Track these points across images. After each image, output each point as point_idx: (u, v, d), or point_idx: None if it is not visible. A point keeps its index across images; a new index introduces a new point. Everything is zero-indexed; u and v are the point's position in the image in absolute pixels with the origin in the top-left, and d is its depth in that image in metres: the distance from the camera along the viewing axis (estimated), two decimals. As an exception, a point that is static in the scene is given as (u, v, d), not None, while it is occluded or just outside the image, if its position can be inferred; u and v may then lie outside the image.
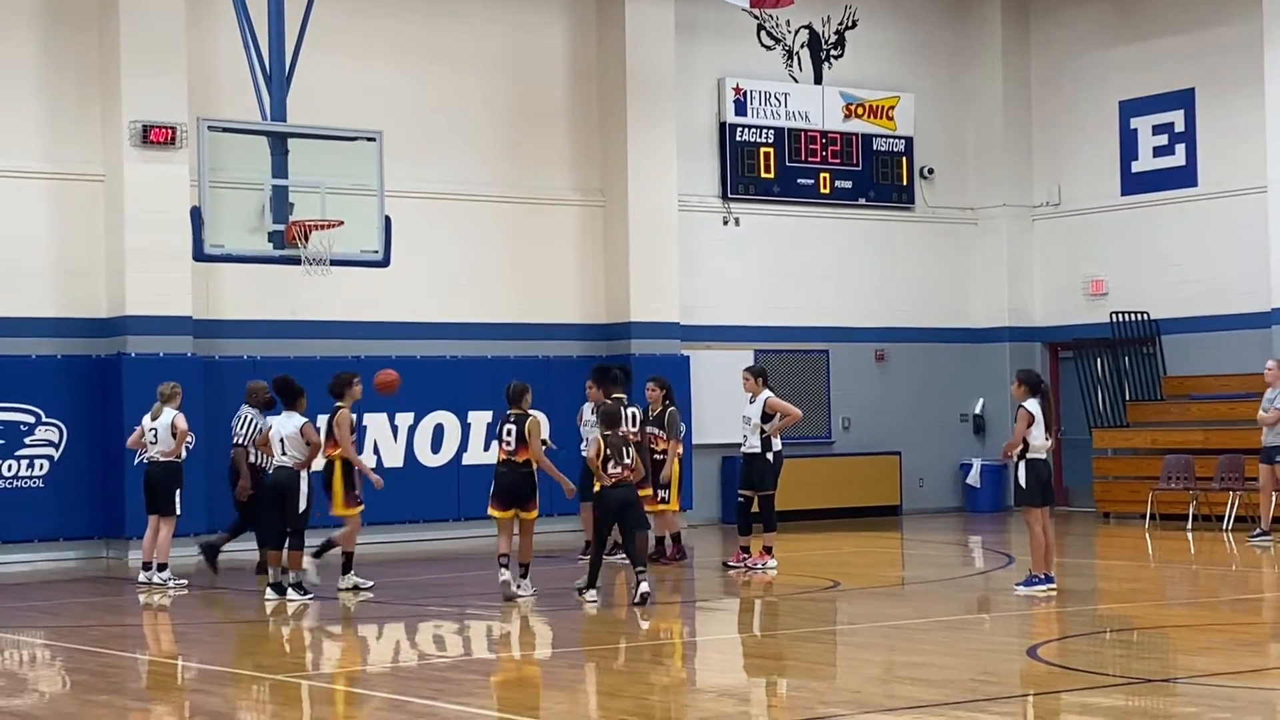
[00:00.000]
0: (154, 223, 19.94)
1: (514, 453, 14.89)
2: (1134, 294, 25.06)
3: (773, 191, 24.92)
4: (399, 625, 14.63)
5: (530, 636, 13.75)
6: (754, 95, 24.80)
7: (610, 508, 14.67)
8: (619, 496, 14.63)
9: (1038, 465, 15.01)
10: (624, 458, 14.59)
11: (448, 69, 22.61)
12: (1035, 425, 14.91)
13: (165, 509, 16.83)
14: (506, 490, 14.96)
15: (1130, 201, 25.35)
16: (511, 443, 14.90)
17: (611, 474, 14.56)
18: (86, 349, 20.23)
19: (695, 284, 24.11)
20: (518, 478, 14.90)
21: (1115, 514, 23.80)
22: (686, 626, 14.32)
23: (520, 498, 14.92)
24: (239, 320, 21.07)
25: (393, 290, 21.49)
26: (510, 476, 14.93)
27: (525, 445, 14.84)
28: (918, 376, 26.00)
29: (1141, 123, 25.21)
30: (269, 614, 14.93)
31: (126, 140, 19.98)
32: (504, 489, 14.98)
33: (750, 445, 17.38)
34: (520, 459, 14.87)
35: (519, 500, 14.93)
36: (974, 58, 26.66)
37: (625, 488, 14.66)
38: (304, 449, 15.32)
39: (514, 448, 14.89)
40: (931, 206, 26.35)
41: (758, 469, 17.37)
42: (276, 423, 15.60)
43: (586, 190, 23.55)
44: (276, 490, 15.49)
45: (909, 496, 25.51)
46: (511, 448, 14.90)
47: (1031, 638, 12.94)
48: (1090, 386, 24.85)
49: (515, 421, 14.91)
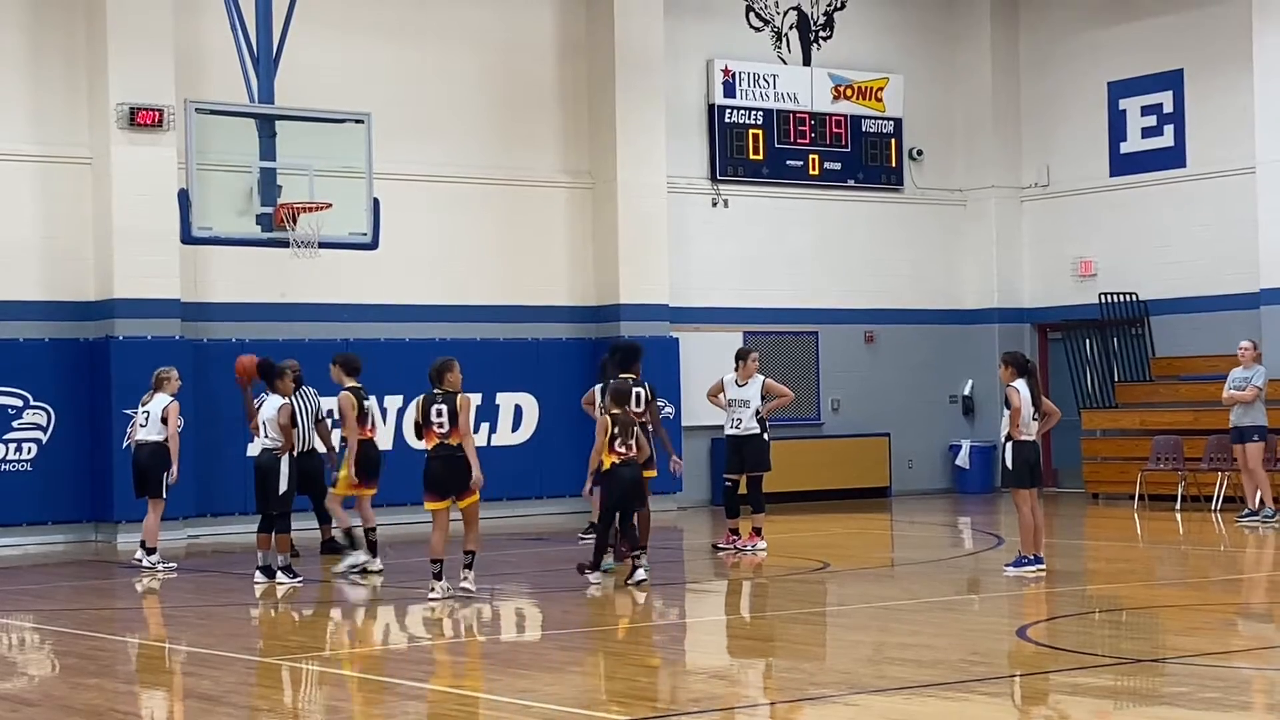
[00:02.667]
0: (141, 205, 19.91)
1: (447, 435, 13.86)
2: (1123, 275, 25.08)
3: (762, 173, 24.91)
4: (389, 607, 14.62)
5: (520, 619, 13.75)
6: (743, 77, 24.77)
7: (618, 485, 14.50)
8: (627, 475, 14.51)
9: (1024, 447, 15.02)
10: (630, 436, 14.48)
11: (436, 50, 22.56)
12: (1023, 406, 14.91)
13: (153, 492, 16.82)
14: (443, 478, 13.90)
15: (1119, 182, 25.35)
16: (445, 424, 13.86)
17: (618, 452, 14.45)
18: (74, 332, 20.18)
19: (684, 266, 24.09)
20: (455, 463, 13.85)
21: (1104, 495, 23.84)
22: (677, 608, 14.33)
23: (458, 484, 13.90)
24: (227, 303, 21.03)
25: (381, 273, 21.46)
26: (448, 462, 13.86)
27: (457, 426, 13.90)
28: (907, 358, 26.01)
29: (1130, 103, 25.20)
30: (258, 597, 14.91)
31: (114, 122, 19.92)
32: (440, 476, 13.91)
33: (748, 427, 17.39)
34: (454, 441, 13.86)
35: (457, 487, 13.91)
36: (963, 39, 26.64)
37: (632, 466, 14.55)
38: (279, 432, 15.29)
39: (447, 430, 13.86)
40: (920, 188, 26.34)
41: (756, 450, 17.42)
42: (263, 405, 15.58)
43: (575, 172, 23.52)
44: (258, 473, 15.48)
45: (898, 478, 25.53)
46: (445, 430, 13.86)
47: (1021, 618, 12.96)
48: (1079, 367, 24.87)
49: (445, 401, 13.91)
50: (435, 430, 13.89)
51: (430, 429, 13.90)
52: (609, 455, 14.50)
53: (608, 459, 14.53)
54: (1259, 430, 19.81)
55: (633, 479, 14.58)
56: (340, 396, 15.97)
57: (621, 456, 14.49)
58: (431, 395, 13.97)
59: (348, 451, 15.90)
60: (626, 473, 14.52)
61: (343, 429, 16.14)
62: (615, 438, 14.46)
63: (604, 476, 14.61)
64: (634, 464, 14.58)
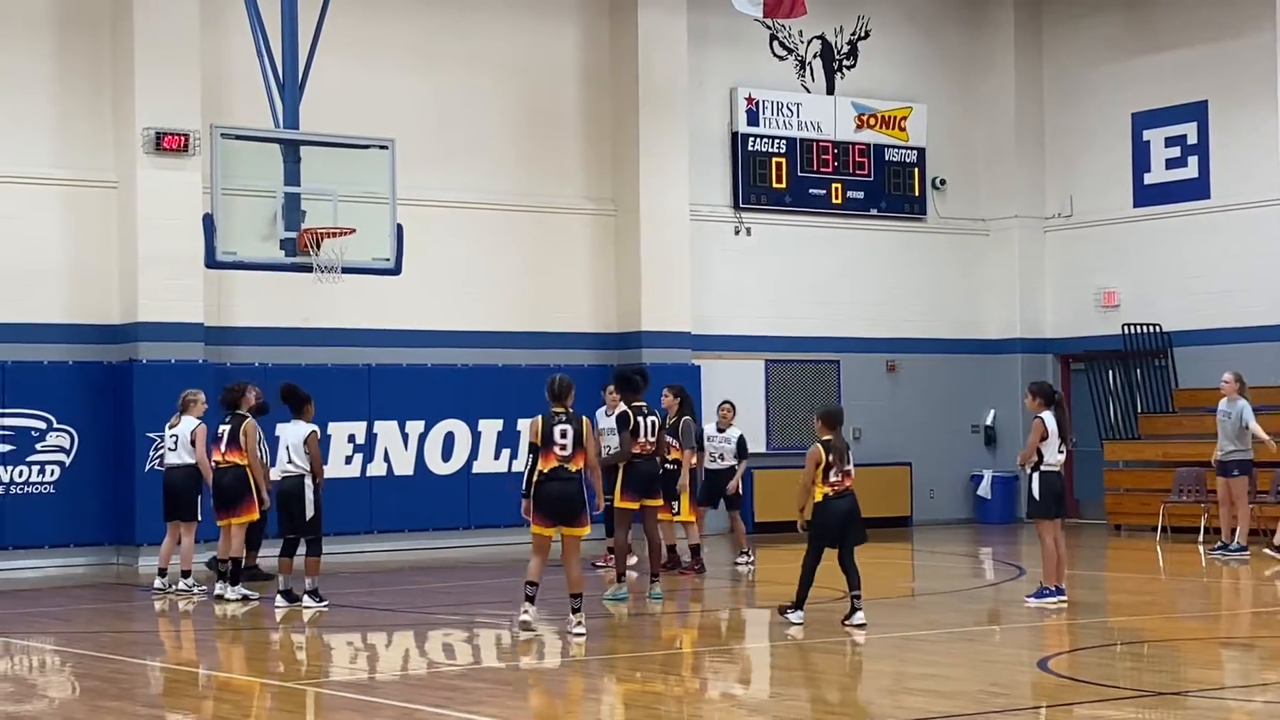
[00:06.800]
0: (166, 229, 19.99)
1: (569, 458, 13.15)
2: (1146, 306, 25.04)
3: (784, 201, 24.93)
4: (408, 633, 14.63)
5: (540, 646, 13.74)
6: (766, 105, 24.82)
7: (834, 519, 13.60)
8: (843, 507, 13.63)
9: (1051, 477, 15.01)
10: (845, 464, 13.64)
11: (460, 76, 22.64)
12: (1050, 437, 14.91)
13: (187, 515, 16.84)
14: (556, 502, 13.13)
15: (1143, 213, 25.32)
16: (568, 446, 13.15)
17: (832, 483, 13.55)
18: (98, 355, 20.26)
19: (706, 294, 24.12)
20: (571, 488, 13.15)
21: (1126, 526, 23.75)
22: (698, 636, 14.30)
23: (570, 513, 13.20)
24: (251, 327, 21.10)
25: (404, 298, 21.51)
26: (563, 486, 13.13)
27: (582, 450, 13.22)
28: (929, 387, 25.98)
29: (1154, 134, 25.19)
30: (278, 621, 14.93)
31: (140, 147, 20.03)
32: (553, 501, 13.12)
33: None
34: (574, 467, 13.16)
35: (569, 515, 13.20)
36: (987, 68, 26.66)
37: (847, 497, 13.70)
38: (306, 457, 15.33)
39: (570, 453, 13.16)
40: (943, 217, 26.35)
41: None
42: (285, 430, 15.61)
43: (598, 199, 23.57)
44: (283, 498, 15.51)
45: (919, 507, 25.48)
46: (568, 453, 13.15)
47: (1042, 650, 12.93)
48: (1102, 398, 24.81)
49: (569, 421, 13.19)
50: (557, 453, 13.14)
51: (551, 451, 13.14)
52: (821, 487, 13.58)
53: (819, 490, 13.62)
54: (1241, 465, 19.79)
55: (849, 511, 13.67)
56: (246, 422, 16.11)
57: (835, 488, 13.63)
58: (554, 415, 13.23)
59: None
60: (841, 505, 13.62)
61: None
62: (829, 467, 13.56)
63: (817, 510, 13.62)
64: (850, 495, 13.70)
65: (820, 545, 13.75)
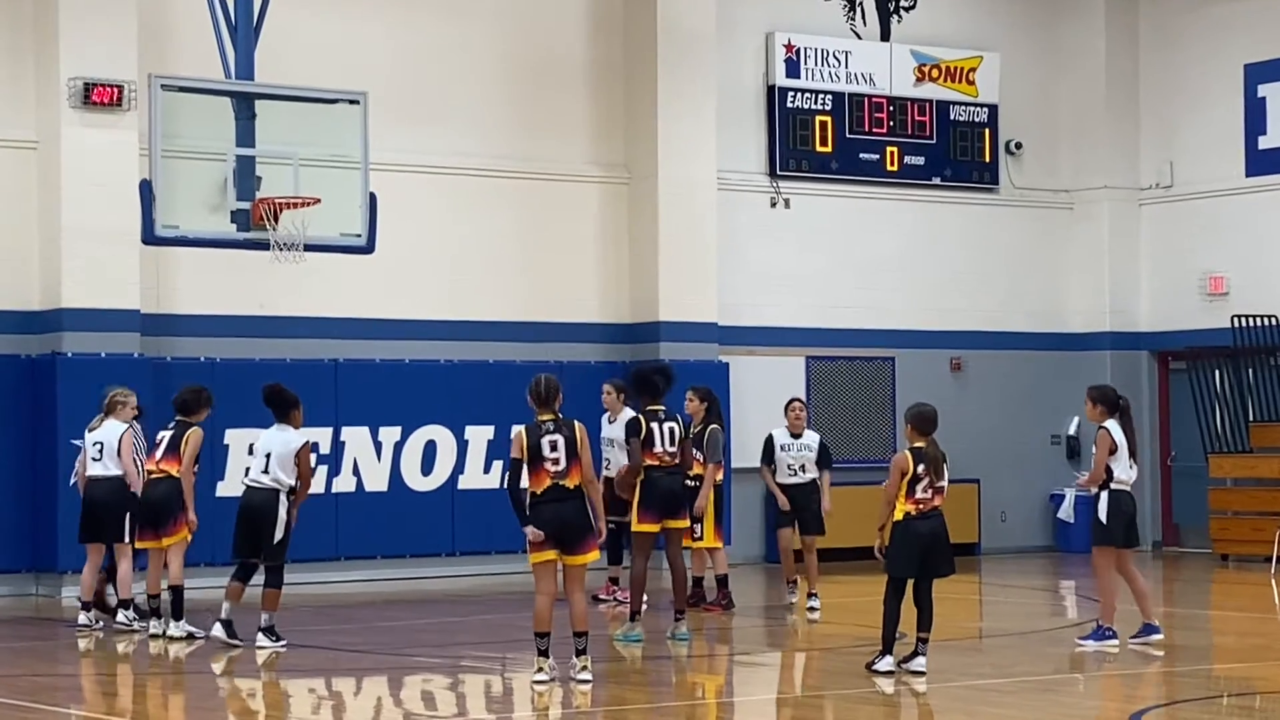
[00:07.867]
0: (96, 198, 20.03)
1: (565, 473, 13.02)
2: (1260, 294, 25.02)
3: (830, 168, 24.95)
4: (381, 678, 14.67)
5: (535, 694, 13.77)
6: (809, 54, 24.84)
7: (916, 544, 13.55)
8: (925, 529, 13.63)
9: (1121, 497, 15.07)
10: (940, 478, 13.72)
11: (445, 20, 22.68)
12: (1119, 450, 14.95)
13: (114, 536, 16.79)
14: (556, 526, 12.92)
15: (1256, 184, 25.32)
16: (561, 460, 13.01)
17: (918, 499, 13.56)
18: (14, 347, 20.32)
19: (736, 278, 24.13)
20: (572, 508, 12.98)
21: (1235, 556, 23.76)
22: (724, 683, 14.33)
23: (574, 536, 12.95)
24: (195, 315, 21.14)
25: (377, 281, 21.55)
26: (562, 507, 12.94)
27: (577, 461, 13.03)
28: (1000, 390, 25.99)
29: (1270, 90, 25.18)
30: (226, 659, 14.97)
31: (64, 101, 20.06)
32: (552, 525, 12.92)
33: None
34: (571, 483, 13.02)
35: (571, 539, 12.96)
36: (1071, 12, 26.65)
37: (932, 518, 13.69)
38: (292, 471, 15.31)
39: (565, 466, 13.01)
40: (1019, 188, 26.36)
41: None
42: (265, 436, 15.58)
43: (608, 164, 23.61)
44: (251, 514, 15.43)
45: (988, 533, 25.51)
46: (562, 466, 13.00)
47: (1134, 702, 12.95)
48: (1207, 404, 24.81)
49: (559, 430, 13.02)
50: (549, 469, 12.94)
51: (543, 468, 12.94)
52: (904, 503, 13.50)
53: (900, 507, 13.54)
54: None
55: (934, 535, 13.53)
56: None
57: (921, 506, 13.51)
58: (541, 424, 13.03)
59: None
60: (925, 527, 13.49)
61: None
62: (916, 480, 13.47)
63: (896, 531, 13.48)
64: (937, 515, 13.55)
65: (900, 576, 13.61)
